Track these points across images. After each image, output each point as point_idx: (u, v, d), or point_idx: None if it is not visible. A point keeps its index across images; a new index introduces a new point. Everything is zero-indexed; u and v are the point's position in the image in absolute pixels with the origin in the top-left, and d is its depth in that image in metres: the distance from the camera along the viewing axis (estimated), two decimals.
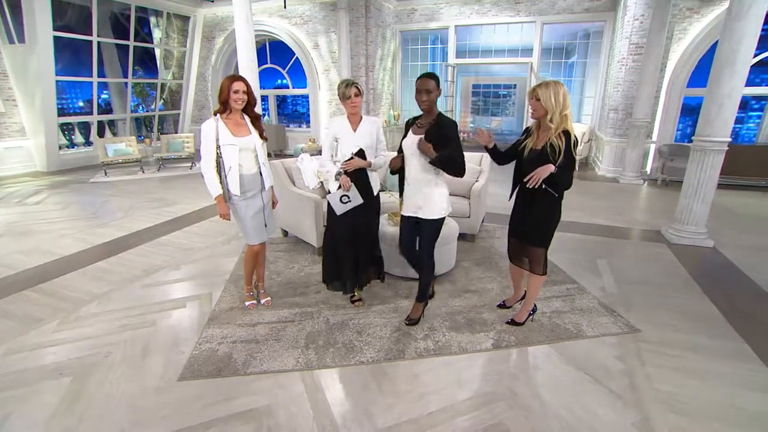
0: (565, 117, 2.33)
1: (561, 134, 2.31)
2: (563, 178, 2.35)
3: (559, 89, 2.33)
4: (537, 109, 2.40)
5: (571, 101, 2.47)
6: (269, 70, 11.24)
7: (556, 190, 2.43)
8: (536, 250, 2.63)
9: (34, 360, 2.51)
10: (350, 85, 2.75)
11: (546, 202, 2.49)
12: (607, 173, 7.85)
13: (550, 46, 9.51)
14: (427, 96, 2.46)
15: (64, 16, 8.28)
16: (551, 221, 2.56)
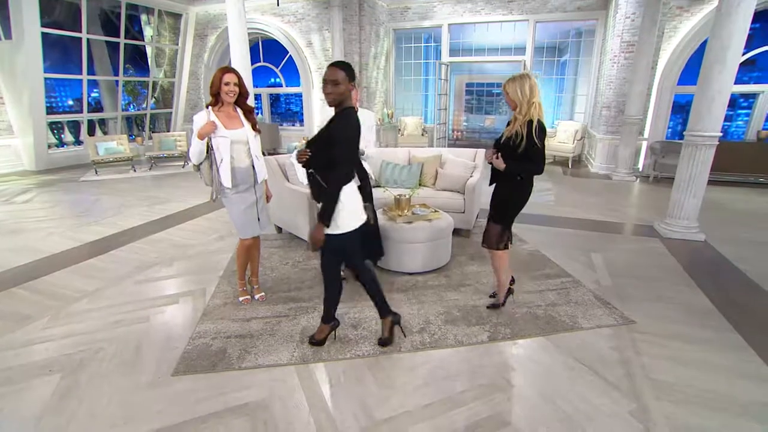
0: (531, 105, 2.47)
1: (525, 123, 2.47)
2: (524, 165, 2.55)
3: (524, 82, 2.48)
4: (509, 102, 2.58)
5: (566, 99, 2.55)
6: (262, 68, 11.18)
7: (519, 176, 2.63)
8: (493, 226, 2.78)
9: (24, 357, 2.46)
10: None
11: (512, 185, 2.67)
12: (600, 170, 7.90)
13: (543, 44, 9.56)
14: (332, 88, 2.13)
15: (52, 12, 8.16)
16: (513, 201, 2.71)
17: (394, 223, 3.54)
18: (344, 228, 2.24)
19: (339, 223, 2.22)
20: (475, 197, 4.33)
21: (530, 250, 4.07)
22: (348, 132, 2.14)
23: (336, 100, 2.15)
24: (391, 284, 3.39)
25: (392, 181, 4.85)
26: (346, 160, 2.17)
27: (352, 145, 2.20)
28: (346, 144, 2.14)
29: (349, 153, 2.19)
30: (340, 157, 2.12)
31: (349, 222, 2.25)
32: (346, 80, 2.14)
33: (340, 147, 2.11)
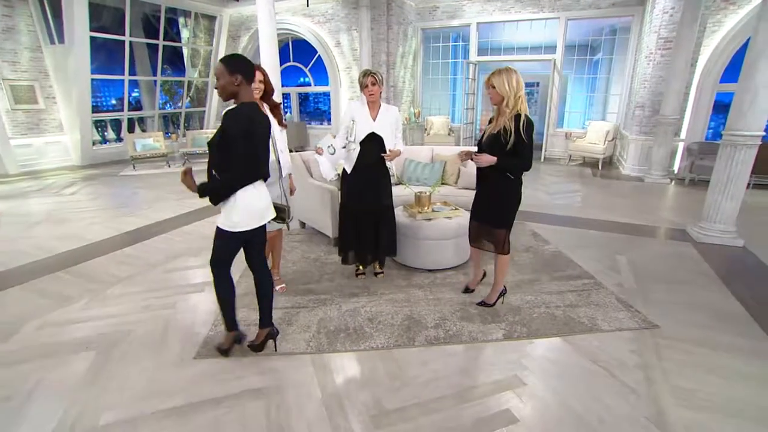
0: (518, 99, 2.49)
1: (512, 117, 2.47)
2: (513, 161, 2.54)
3: (511, 75, 2.49)
4: (494, 96, 2.56)
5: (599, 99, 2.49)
6: (292, 68, 11.43)
7: (511, 173, 2.62)
8: (498, 232, 2.76)
9: (64, 334, 2.66)
10: (367, 74, 2.97)
11: (505, 186, 2.65)
12: (631, 172, 7.61)
13: (574, 42, 9.28)
14: (217, 83, 2.08)
15: (100, 18, 8.66)
16: (510, 203, 2.71)
17: (414, 219, 3.56)
18: (239, 227, 2.14)
19: (235, 220, 2.12)
20: None
21: (553, 251, 3.99)
22: (232, 131, 2.01)
23: (222, 94, 2.09)
24: (409, 280, 3.42)
25: (414, 179, 4.87)
26: (239, 160, 2.05)
27: (245, 142, 2.04)
28: (236, 143, 2.03)
29: (238, 155, 2.05)
30: (234, 157, 2.04)
31: (247, 221, 2.15)
32: (225, 73, 2.02)
33: (234, 147, 2.03)
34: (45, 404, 2.07)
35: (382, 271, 3.50)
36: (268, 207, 2.27)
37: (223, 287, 2.35)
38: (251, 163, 2.10)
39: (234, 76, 2.03)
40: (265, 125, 2.18)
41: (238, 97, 2.10)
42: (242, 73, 2.05)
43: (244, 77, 2.06)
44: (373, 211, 3.21)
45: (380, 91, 3.02)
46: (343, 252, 3.41)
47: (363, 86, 2.99)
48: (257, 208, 2.18)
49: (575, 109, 10.48)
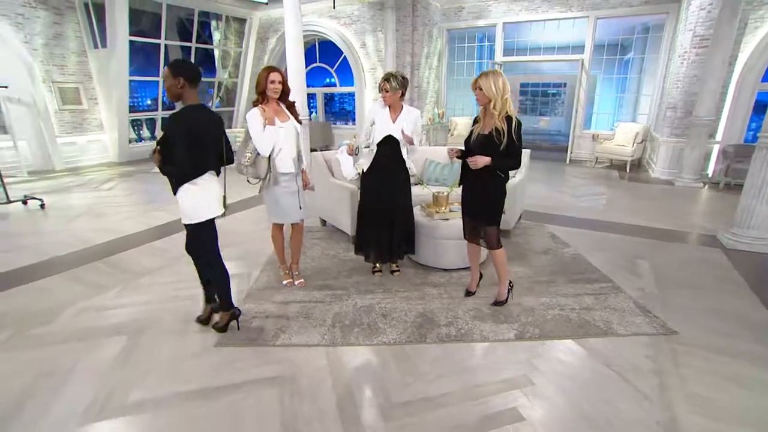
0: (506, 101, 2.57)
1: (504, 118, 2.55)
2: (506, 161, 2.64)
3: (498, 78, 2.57)
4: (481, 98, 2.63)
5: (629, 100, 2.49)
6: (318, 69, 11.65)
7: (503, 172, 2.72)
8: (490, 229, 2.84)
9: (99, 319, 2.86)
10: (384, 79, 3.04)
11: (495, 184, 2.74)
12: (661, 175, 7.35)
13: (604, 42, 9.04)
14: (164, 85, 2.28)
15: (139, 22, 9.10)
16: (500, 200, 2.80)
17: (431, 219, 3.61)
18: (192, 219, 2.42)
19: (187, 213, 2.39)
20: (517, 197, 4.25)
21: (572, 253, 3.93)
22: (172, 131, 2.17)
23: (169, 95, 2.27)
24: (425, 278, 3.46)
25: (434, 179, 4.91)
26: (178, 159, 2.21)
27: (184, 143, 2.19)
28: (176, 143, 2.18)
29: (180, 154, 2.19)
30: (175, 156, 2.21)
31: (194, 213, 2.41)
32: (170, 76, 2.20)
33: (175, 147, 2.19)
34: (82, 381, 2.25)
35: (398, 269, 3.56)
36: (217, 199, 2.46)
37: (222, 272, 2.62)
38: (189, 163, 2.26)
39: (177, 79, 2.20)
40: (210, 125, 2.34)
41: (183, 99, 2.26)
42: (185, 77, 2.22)
43: (186, 80, 2.22)
44: (389, 210, 3.28)
45: (397, 95, 3.06)
46: (359, 249, 3.49)
47: (379, 90, 3.12)
48: (206, 200, 2.41)
49: (604, 110, 10.18)
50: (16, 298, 3.20)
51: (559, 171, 8.17)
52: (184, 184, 2.33)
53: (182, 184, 2.32)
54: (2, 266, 3.75)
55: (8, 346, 2.59)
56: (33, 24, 7.87)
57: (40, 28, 7.97)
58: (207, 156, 2.36)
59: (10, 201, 5.54)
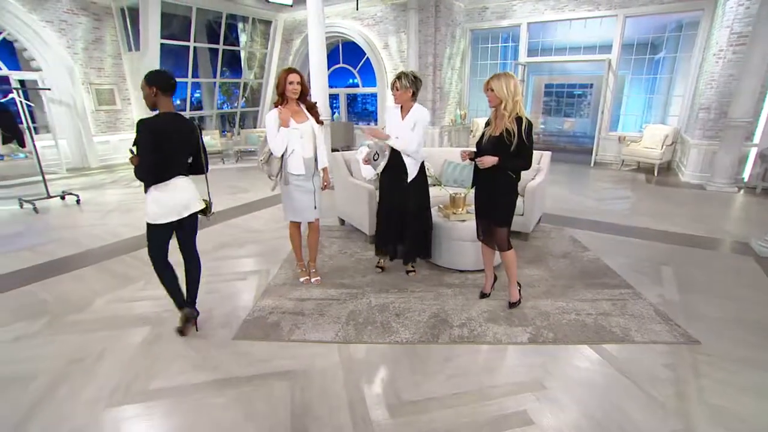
0: (516, 103, 2.58)
1: (514, 120, 2.56)
2: (515, 161, 2.64)
3: (509, 80, 2.58)
4: (492, 99, 2.64)
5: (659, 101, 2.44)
6: (341, 69, 11.77)
7: (513, 172, 2.72)
8: (500, 231, 2.84)
9: (126, 309, 3.01)
10: (397, 77, 3.06)
11: (505, 185, 2.74)
12: (692, 179, 7.07)
13: (633, 41, 8.77)
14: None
15: (170, 26, 9.45)
16: (511, 202, 2.81)
17: (447, 220, 3.61)
18: (157, 220, 2.45)
19: (150, 213, 2.44)
20: (536, 200, 4.20)
21: (591, 257, 3.85)
22: (140, 138, 2.28)
23: (147, 105, 2.40)
24: (440, 279, 3.47)
25: (452, 180, 4.90)
26: (142, 163, 2.32)
27: (148, 149, 2.30)
28: (142, 148, 2.30)
29: (145, 158, 2.31)
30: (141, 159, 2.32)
31: (163, 215, 2.44)
32: (145, 86, 2.36)
33: (141, 151, 2.31)
34: (109, 367, 2.39)
35: (413, 270, 3.58)
36: (184, 203, 2.50)
37: (161, 272, 2.62)
38: (154, 167, 2.35)
39: (151, 89, 2.34)
40: (179, 133, 2.41)
41: (158, 107, 2.39)
42: (157, 86, 2.35)
43: (159, 89, 2.35)
44: (401, 210, 3.31)
45: (408, 94, 3.07)
46: (379, 249, 3.53)
47: (390, 88, 3.18)
48: (169, 205, 2.45)
49: (632, 112, 9.87)
50: (55, 287, 3.41)
51: (583, 174, 7.98)
52: (150, 186, 2.41)
53: (149, 186, 2.40)
54: (45, 257, 4.01)
55: (47, 330, 2.78)
56: (75, 30, 8.33)
57: (81, 33, 8.42)
58: (174, 162, 2.45)
59: (50, 196, 5.87)
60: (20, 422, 1.99)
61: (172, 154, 2.42)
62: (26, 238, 4.54)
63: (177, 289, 2.67)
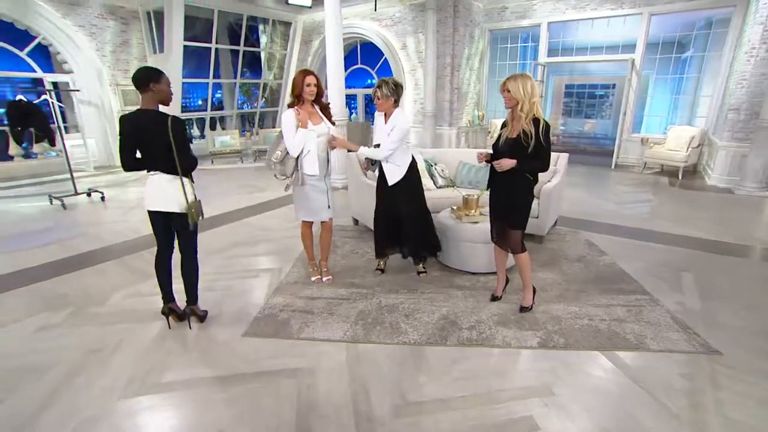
0: (533, 104, 2.53)
1: (531, 121, 2.52)
2: (532, 163, 2.60)
3: (526, 81, 2.54)
4: (509, 100, 2.60)
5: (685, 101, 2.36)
6: (359, 70, 11.83)
7: (531, 174, 2.68)
8: (514, 233, 2.80)
9: (143, 304, 3.10)
10: (378, 86, 3.07)
11: (521, 187, 2.70)
12: (719, 183, 6.80)
13: (658, 39, 8.49)
14: None
15: (192, 28, 9.70)
16: (527, 204, 2.76)
17: (460, 222, 3.58)
18: (146, 206, 2.62)
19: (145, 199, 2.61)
20: (552, 203, 4.12)
21: (607, 262, 3.75)
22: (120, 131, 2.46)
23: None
24: (451, 281, 3.45)
25: (467, 182, 4.87)
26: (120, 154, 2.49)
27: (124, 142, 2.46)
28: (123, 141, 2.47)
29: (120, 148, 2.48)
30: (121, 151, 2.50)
31: (148, 202, 2.60)
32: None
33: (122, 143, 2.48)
34: (124, 359, 2.47)
35: (425, 271, 3.57)
36: (164, 198, 2.57)
37: (156, 261, 2.73)
38: (127, 158, 2.50)
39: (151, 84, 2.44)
40: (151, 129, 2.44)
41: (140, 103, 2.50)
42: (134, 84, 2.44)
43: (135, 87, 2.44)
44: (393, 213, 3.36)
45: (390, 101, 3.07)
46: (379, 254, 3.57)
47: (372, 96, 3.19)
48: (151, 195, 2.58)
49: (656, 113, 9.56)
50: (78, 280, 3.55)
51: (603, 176, 7.78)
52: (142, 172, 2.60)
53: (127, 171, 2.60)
54: (69, 251, 4.19)
55: (69, 321, 2.90)
56: (104, 33, 8.65)
57: (109, 36, 8.74)
58: (150, 156, 2.54)
59: (77, 193, 6.11)
60: (38, 410, 2.08)
61: (147, 149, 2.53)
62: (54, 233, 4.74)
63: (165, 282, 2.76)
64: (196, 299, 2.83)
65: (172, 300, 2.80)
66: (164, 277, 2.75)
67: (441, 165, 5.00)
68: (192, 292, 2.80)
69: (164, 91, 2.49)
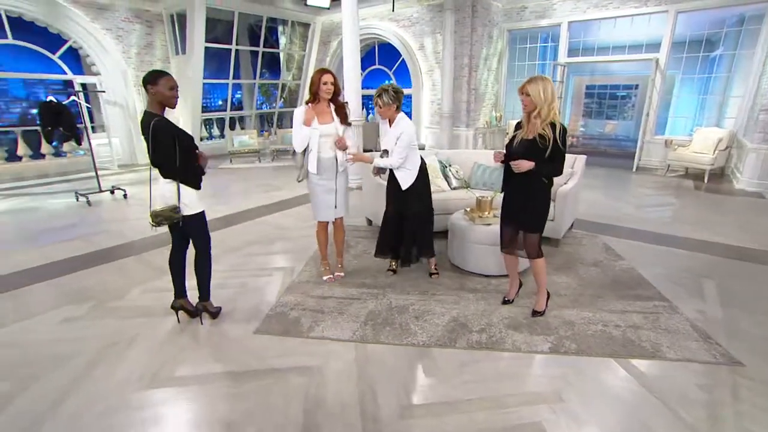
0: (552, 109, 2.50)
1: (548, 124, 2.48)
2: (549, 167, 2.57)
3: (547, 85, 2.49)
4: (527, 104, 2.55)
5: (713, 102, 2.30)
6: (377, 71, 11.85)
7: (547, 178, 2.64)
8: (532, 237, 2.76)
9: (159, 300, 3.18)
10: (378, 95, 3.07)
11: (538, 189, 2.67)
12: (748, 187, 6.54)
13: (685, 38, 8.22)
14: None
15: (214, 30, 9.91)
16: (545, 207, 2.73)
17: (473, 224, 3.56)
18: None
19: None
20: (568, 205, 4.04)
21: (625, 267, 3.66)
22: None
23: None
24: (463, 283, 3.42)
25: (482, 183, 4.82)
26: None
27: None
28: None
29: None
30: None
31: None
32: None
33: None
34: (139, 352, 2.55)
35: (437, 272, 3.56)
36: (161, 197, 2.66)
37: (171, 258, 2.83)
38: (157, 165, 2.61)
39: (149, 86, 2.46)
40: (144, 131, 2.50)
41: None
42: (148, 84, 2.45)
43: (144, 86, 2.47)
44: (400, 216, 3.38)
45: (392, 109, 3.09)
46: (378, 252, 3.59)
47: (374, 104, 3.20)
48: (154, 194, 2.68)
49: (682, 114, 9.26)
50: (100, 275, 3.68)
51: (623, 179, 7.58)
52: None
53: None
54: (92, 246, 4.34)
55: (90, 315, 3.01)
56: (130, 36, 8.95)
57: (135, 39, 9.03)
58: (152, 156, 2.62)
59: (101, 191, 6.33)
60: (60, 398, 2.17)
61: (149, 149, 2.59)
62: (79, 229, 4.92)
63: (177, 278, 2.84)
64: (208, 295, 2.89)
65: (184, 296, 2.87)
66: (176, 273, 2.83)
67: (455, 166, 4.97)
68: (203, 289, 2.86)
69: (161, 94, 2.46)
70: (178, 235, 2.81)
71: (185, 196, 2.63)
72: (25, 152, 8.07)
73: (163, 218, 2.60)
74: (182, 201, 2.62)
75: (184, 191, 2.63)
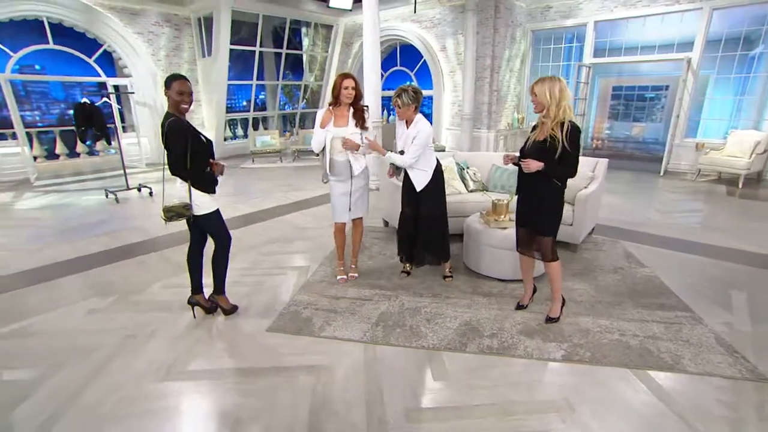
0: (560, 109, 2.44)
1: (558, 125, 2.44)
2: (559, 168, 2.51)
3: (554, 85, 2.45)
4: (536, 105, 2.53)
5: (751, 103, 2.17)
6: (398, 72, 11.86)
7: (558, 179, 2.59)
8: (545, 240, 2.71)
9: (177, 295, 3.28)
10: (397, 95, 3.06)
11: (550, 192, 2.62)
12: None
13: (720, 36, 7.86)
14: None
15: (239, 32, 10.15)
16: (557, 209, 2.68)
17: (488, 227, 3.51)
18: None
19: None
20: (588, 210, 3.93)
21: (647, 274, 3.53)
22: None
23: None
24: (477, 287, 3.39)
25: (500, 186, 4.75)
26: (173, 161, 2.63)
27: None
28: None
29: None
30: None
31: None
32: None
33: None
34: (156, 345, 2.64)
35: (450, 275, 3.53)
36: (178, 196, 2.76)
37: (189, 254, 2.93)
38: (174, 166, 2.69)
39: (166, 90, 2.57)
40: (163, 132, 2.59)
41: None
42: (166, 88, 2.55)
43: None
44: (415, 217, 3.37)
45: (410, 110, 3.07)
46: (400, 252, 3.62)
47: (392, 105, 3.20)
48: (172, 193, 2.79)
49: (716, 116, 8.85)
50: (124, 269, 3.83)
51: (650, 183, 7.31)
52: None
53: None
54: (118, 242, 4.52)
55: (112, 308, 3.14)
56: (159, 39, 9.28)
57: (164, 42, 9.36)
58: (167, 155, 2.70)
59: (129, 188, 6.58)
60: (81, 387, 2.27)
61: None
62: (107, 225, 5.13)
63: (194, 274, 2.94)
64: (222, 290, 2.97)
65: (200, 292, 2.95)
66: (193, 270, 2.91)
67: (473, 168, 4.91)
68: (217, 283, 2.94)
69: (171, 98, 2.54)
70: (196, 233, 2.89)
71: (197, 197, 2.71)
72: (62, 151, 8.52)
73: (175, 213, 2.69)
74: (194, 201, 2.70)
75: (195, 192, 2.70)
